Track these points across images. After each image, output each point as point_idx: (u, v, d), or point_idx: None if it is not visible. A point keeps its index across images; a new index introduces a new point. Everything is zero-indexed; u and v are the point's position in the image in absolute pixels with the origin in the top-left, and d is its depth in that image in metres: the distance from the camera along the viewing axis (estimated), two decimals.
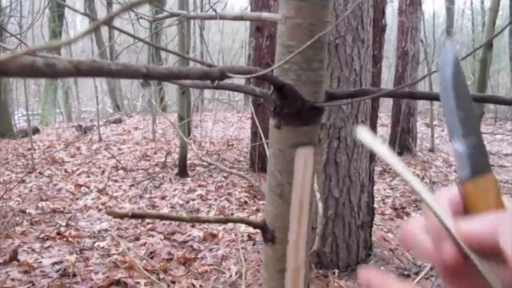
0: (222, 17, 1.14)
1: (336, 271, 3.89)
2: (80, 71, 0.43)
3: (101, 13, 16.32)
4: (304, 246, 0.96)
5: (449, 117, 0.46)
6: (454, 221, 0.41)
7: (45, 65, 0.39)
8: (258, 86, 1.23)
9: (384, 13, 4.75)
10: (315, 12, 0.87)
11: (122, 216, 0.77)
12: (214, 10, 1.16)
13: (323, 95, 0.91)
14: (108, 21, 0.34)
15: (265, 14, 1.06)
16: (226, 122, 12.91)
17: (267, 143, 1.14)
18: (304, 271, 0.97)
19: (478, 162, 0.44)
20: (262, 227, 0.94)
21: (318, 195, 1.16)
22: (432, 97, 0.98)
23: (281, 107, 0.86)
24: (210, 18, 1.22)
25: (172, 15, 1.38)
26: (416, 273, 3.96)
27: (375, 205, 4.52)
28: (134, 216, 0.77)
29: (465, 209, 0.44)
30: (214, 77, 0.61)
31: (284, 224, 0.94)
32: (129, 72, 0.48)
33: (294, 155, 0.90)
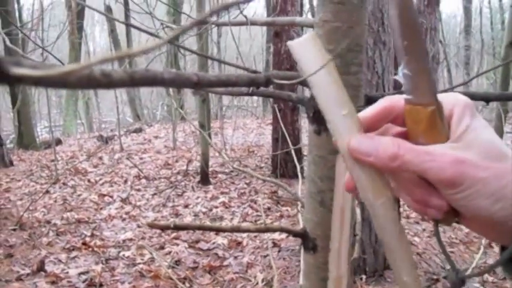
0: (253, 23, 1.12)
1: (364, 277, 3.84)
2: (134, 80, 0.41)
3: (119, 16, 16.51)
4: (346, 254, 0.93)
5: (396, 41, 0.47)
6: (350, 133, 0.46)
7: (102, 76, 0.38)
8: (280, 90, 1.22)
9: None
10: (353, 15, 0.85)
11: (163, 228, 0.76)
12: (245, 16, 1.14)
13: (362, 98, 0.89)
14: (173, 40, 0.33)
15: (299, 19, 1.04)
16: (246, 129, 12.91)
17: (293, 149, 1.12)
18: (346, 279, 0.95)
19: (419, 90, 0.46)
20: (303, 235, 0.92)
21: (356, 201, 1.13)
22: (474, 98, 0.95)
23: (321, 113, 0.84)
24: (241, 24, 1.21)
25: (201, 22, 1.36)
26: (445, 277, 3.89)
27: (401, 209, 4.45)
28: (176, 228, 0.76)
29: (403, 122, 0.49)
30: (260, 83, 0.59)
31: (325, 232, 0.91)
32: (181, 81, 0.47)
33: (334, 161, 0.88)
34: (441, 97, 0.48)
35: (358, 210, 1.19)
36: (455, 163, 0.44)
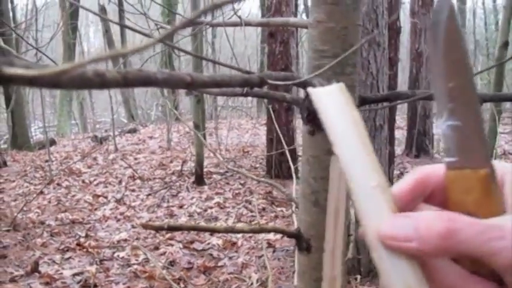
0: (247, 24, 1.12)
1: (358, 277, 3.84)
2: (128, 80, 0.41)
3: (113, 17, 16.48)
4: (340, 254, 0.93)
5: (436, 84, 0.38)
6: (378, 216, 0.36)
7: (95, 75, 0.38)
8: (275, 91, 1.22)
9: (398, 15, 4.72)
10: (347, 15, 0.86)
11: (157, 229, 0.75)
12: (239, 17, 1.14)
13: (356, 99, 0.89)
14: (165, 38, 0.33)
15: (293, 20, 1.04)
16: (241, 129, 12.91)
17: (287, 150, 1.12)
18: (340, 280, 0.95)
19: (469, 150, 0.37)
20: (297, 235, 0.92)
21: (350, 201, 1.14)
22: None
23: (315, 113, 0.84)
24: (235, 25, 1.21)
25: (195, 23, 1.36)
26: None
27: None
28: (170, 228, 0.76)
29: (446, 193, 0.38)
30: (254, 84, 0.59)
31: (320, 232, 0.91)
32: (174, 81, 0.47)
33: (329, 162, 0.88)
34: None
35: (352, 211, 1.19)
36: None
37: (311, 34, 0.89)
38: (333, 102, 0.42)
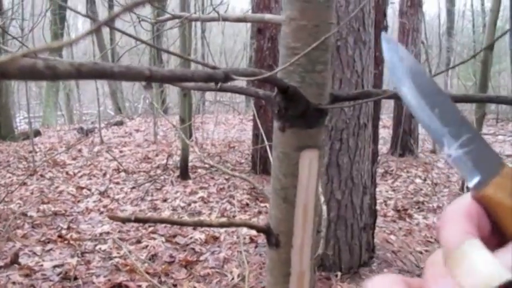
0: (225, 19, 1.13)
1: (339, 274, 3.87)
2: (82, 73, 0.41)
3: (103, 15, 16.33)
4: (309, 250, 0.94)
5: (425, 120, 0.37)
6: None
7: (46, 67, 0.38)
8: (260, 88, 1.22)
9: (385, 15, 4.74)
10: (320, 14, 0.86)
11: (124, 220, 0.76)
12: (217, 12, 1.15)
13: (327, 97, 0.90)
14: (110, 22, 0.33)
15: (268, 16, 1.05)
16: (228, 124, 12.90)
17: (269, 146, 1.13)
18: (309, 275, 0.96)
19: (486, 160, 0.35)
20: (266, 230, 0.93)
21: (322, 198, 1.14)
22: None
23: (285, 110, 0.85)
24: (213, 20, 1.21)
25: (174, 17, 1.36)
26: (419, 275, 3.94)
27: (377, 207, 4.50)
28: (137, 220, 0.76)
29: (490, 218, 0.34)
30: (218, 79, 0.60)
31: (289, 228, 0.92)
32: (131, 75, 0.47)
33: (298, 158, 0.89)
34: None
35: (324, 207, 1.20)
36: None
37: (284, 31, 0.90)
38: None
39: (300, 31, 0.87)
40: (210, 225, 0.89)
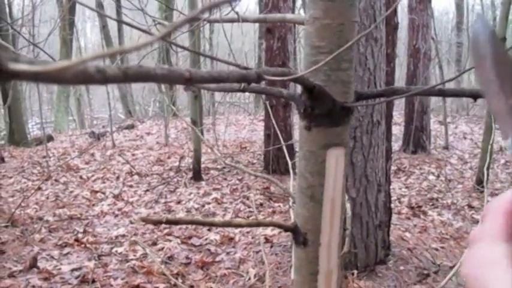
0: (245, 20, 1.13)
1: (355, 272, 3.86)
2: (128, 76, 0.42)
3: (111, 13, 16.43)
4: (336, 248, 0.95)
5: (494, 104, 0.35)
6: None
7: (96, 72, 0.39)
8: (272, 86, 1.23)
9: (395, 11, 4.73)
10: (343, 12, 0.87)
11: (156, 222, 0.77)
12: (237, 13, 1.15)
13: (352, 95, 0.90)
14: (166, 36, 0.34)
15: (289, 16, 1.05)
16: (238, 125, 12.91)
17: (285, 145, 1.13)
18: (336, 273, 0.96)
19: None
20: (293, 229, 0.94)
21: (346, 196, 1.15)
22: (463, 94, 0.97)
23: (311, 108, 0.86)
24: (232, 21, 1.22)
25: (192, 19, 1.36)
26: (436, 272, 3.93)
27: (392, 204, 4.49)
28: (168, 222, 0.77)
29: None
30: (252, 80, 0.61)
31: (316, 226, 0.93)
32: (173, 77, 0.48)
33: (325, 156, 0.89)
34: None
35: (348, 205, 1.21)
36: None
37: (308, 30, 0.90)
38: None
39: (324, 30, 0.87)
40: (239, 226, 0.90)
